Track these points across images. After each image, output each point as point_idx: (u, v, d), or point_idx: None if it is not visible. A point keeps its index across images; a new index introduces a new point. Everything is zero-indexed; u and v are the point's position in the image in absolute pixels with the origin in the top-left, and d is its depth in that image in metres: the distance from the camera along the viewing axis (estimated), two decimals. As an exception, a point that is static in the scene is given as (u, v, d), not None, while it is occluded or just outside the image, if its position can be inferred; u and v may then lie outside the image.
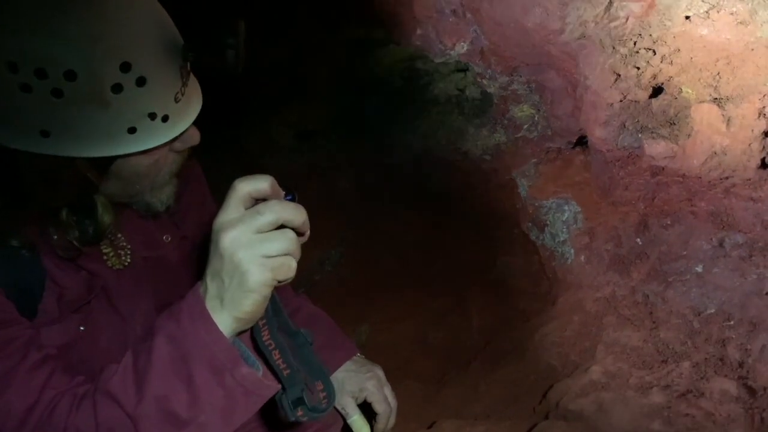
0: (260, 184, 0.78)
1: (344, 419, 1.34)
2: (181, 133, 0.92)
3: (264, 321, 0.86)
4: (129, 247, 1.06)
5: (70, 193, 0.89)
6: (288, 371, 0.88)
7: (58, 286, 0.94)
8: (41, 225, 0.92)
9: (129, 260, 1.05)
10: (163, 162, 0.96)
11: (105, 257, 1.02)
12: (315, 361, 0.92)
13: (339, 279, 2.53)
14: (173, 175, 1.01)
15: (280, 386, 0.86)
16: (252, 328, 0.85)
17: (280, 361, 0.88)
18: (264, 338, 0.87)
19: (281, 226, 0.77)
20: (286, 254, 0.76)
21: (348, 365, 1.34)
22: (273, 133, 2.45)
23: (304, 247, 0.80)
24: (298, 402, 0.87)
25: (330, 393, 0.91)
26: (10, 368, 0.83)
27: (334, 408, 1.33)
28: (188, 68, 0.90)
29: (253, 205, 0.78)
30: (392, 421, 1.35)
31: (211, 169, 1.37)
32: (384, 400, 1.32)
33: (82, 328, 0.97)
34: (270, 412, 1.19)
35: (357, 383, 1.31)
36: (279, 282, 0.78)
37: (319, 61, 2.31)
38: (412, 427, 1.65)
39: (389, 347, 2.22)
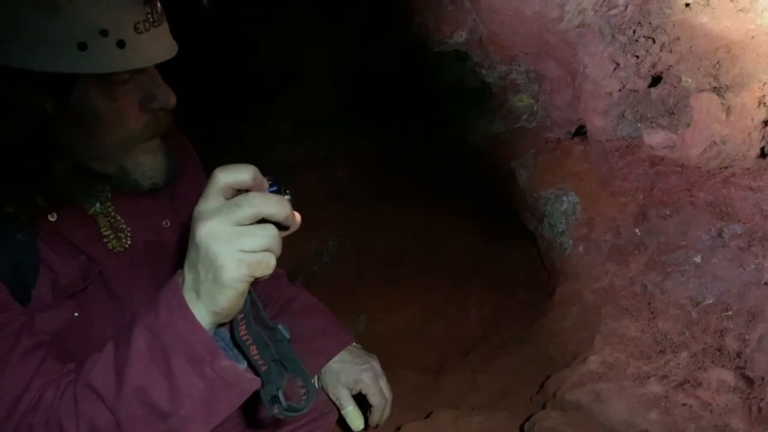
0: (240, 175, 0.72)
1: (339, 410, 1.34)
2: (158, 94, 0.88)
3: (242, 315, 0.82)
4: (129, 229, 1.05)
5: (25, 123, 0.82)
6: (265, 367, 0.84)
7: (53, 271, 0.92)
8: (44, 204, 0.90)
9: (129, 243, 1.04)
10: (132, 118, 0.90)
11: (105, 239, 1.01)
12: (294, 358, 0.88)
13: (337, 270, 2.53)
14: (149, 140, 0.94)
15: (260, 381, 0.84)
16: (231, 322, 0.83)
17: (257, 357, 0.84)
18: (241, 333, 0.83)
19: (263, 220, 0.72)
20: (264, 250, 0.72)
21: (344, 356, 1.33)
22: (271, 123, 2.44)
23: (302, 238, 0.78)
24: (274, 400, 0.83)
25: (309, 390, 0.87)
26: (1, 355, 0.82)
27: (329, 399, 1.33)
28: (158, 8, 0.86)
29: (234, 196, 0.73)
30: (387, 412, 1.35)
31: (207, 159, 1.36)
32: (379, 392, 1.32)
33: (76, 314, 0.96)
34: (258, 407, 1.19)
35: (352, 374, 1.31)
36: (256, 279, 0.75)
37: (316, 50, 2.29)
38: (409, 417, 1.65)
39: (386, 338, 2.22)
